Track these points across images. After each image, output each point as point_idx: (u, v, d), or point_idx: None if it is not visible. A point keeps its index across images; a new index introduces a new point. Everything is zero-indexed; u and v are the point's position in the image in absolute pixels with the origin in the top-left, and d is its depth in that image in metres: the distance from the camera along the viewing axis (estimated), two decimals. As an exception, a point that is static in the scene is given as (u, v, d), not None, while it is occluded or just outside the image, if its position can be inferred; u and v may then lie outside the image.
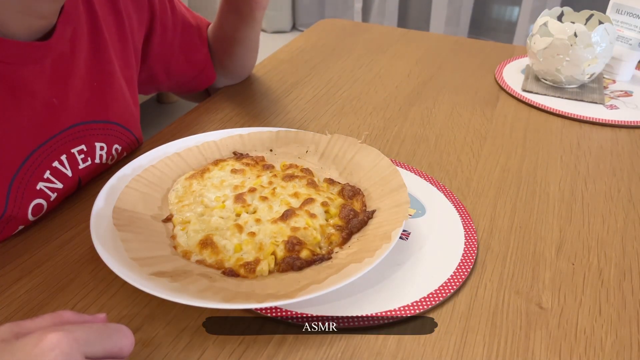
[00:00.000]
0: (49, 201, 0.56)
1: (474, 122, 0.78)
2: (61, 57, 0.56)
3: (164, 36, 0.74)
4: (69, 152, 0.58)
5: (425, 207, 0.58)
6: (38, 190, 0.55)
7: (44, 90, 0.55)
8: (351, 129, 0.75)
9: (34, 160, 0.54)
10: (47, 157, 0.56)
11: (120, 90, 0.66)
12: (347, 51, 1.02)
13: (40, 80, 0.54)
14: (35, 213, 0.55)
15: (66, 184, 0.58)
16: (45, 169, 0.56)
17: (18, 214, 0.53)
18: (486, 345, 0.44)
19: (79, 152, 0.60)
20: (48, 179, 0.56)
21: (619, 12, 0.90)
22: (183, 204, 0.55)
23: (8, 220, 0.53)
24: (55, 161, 0.57)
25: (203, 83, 0.84)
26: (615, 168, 0.68)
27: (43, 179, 0.55)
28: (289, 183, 0.57)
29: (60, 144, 0.57)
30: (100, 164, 0.63)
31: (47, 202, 0.56)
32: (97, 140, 0.62)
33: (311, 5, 3.16)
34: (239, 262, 0.48)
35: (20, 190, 0.53)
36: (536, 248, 0.54)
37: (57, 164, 0.57)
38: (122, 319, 0.45)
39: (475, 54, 1.02)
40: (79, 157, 0.60)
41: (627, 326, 0.46)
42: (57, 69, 0.55)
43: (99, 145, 0.62)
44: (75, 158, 0.59)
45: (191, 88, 0.85)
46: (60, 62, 0.56)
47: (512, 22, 2.81)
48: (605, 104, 0.84)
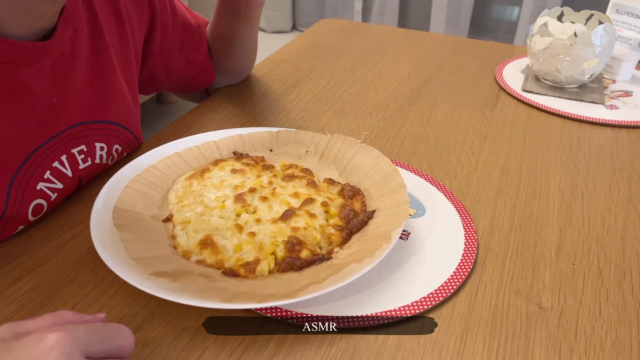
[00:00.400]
0: (49, 201, 0.56)
1: (474, 122, 0.78)
2: (61, 58, 0.56)
3: (165, 36, 0.74)
4: (69, 153, 0.58)
5: (425, 207, 0.58)
6: (38, 191, 0.55)
7: (44, 90, 0.55)
8: (351, 129, 0.75)
9: (34, 161, 0.54)
10: (47, 157, 0.56)
11: (121, 90, 0.66)
12: (347, 51, 1.02)
13: (41, 80, 0.54)
14: (36, 213, 0.55)
15: (66, 184, 0.58)
16: (45, 169, 0.56)
17: (18, 214, 0.53)
18: (486, 345, 0.44)
19: (79, 152, 0.60)
20: (48, 179, 0.56)
21: (619, 12, 0.90)
22: (183, 204, 0.55)
23: (8, 221, 0.52)
24: (56, 161, 0.57)
25: (203, 83, 0.84)
26: (615, 168, 0.68)
27: (43, 179, 0.55)
28: (289, 183, 0.57)
29: (60, 144, 0.57)
30: (100, 164, 0.63)
31: (47, 202, 0.56)
32: (97, 140, 0.62)
33: (311, 5, 3.16)
34: (239, 262, 0.48)
35: (20, 190, 0.53)
36: (536, 248, 0.54)
37: (58, 164, 0.57)
38: (122, 319, 0.45)
39: (475, 54, 1.02)
40: (79, 157, 0.60)
41: (627, 326, 0.46)
42: (57, 69, 0.55)
43: (99, 146, 0.62)
44: (76, 158, 0.59)
45: (191, 88, 0.85)
46: (60, 62, 0.56)
47: (512, 22, 2.81)
48: (605, 104, 0.84)
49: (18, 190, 0.53)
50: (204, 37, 0.81)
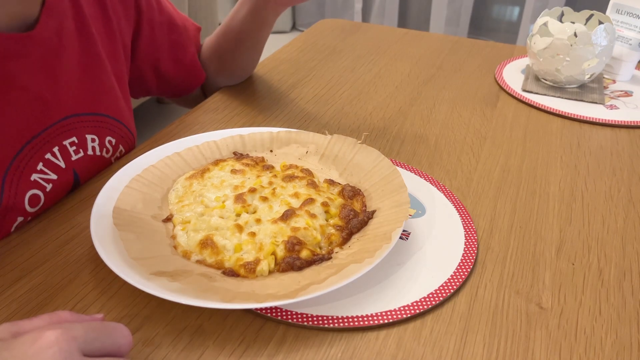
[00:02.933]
0: (45, 192, 0.57)
1: (474, 122, 0.78)
2: (49, 51, 0.57)
3: (152, 34, 0.75)
4: (61, 145, 0.59)
5: (425, 207, 0.58)
6: (32, 182, 0.56)
7: (34, 83, 0.56)
8: (351, 129, 0.75)
9: (27, 153, 0.56)
10: (39, 149, 0.57)
11: (110, 84, 0.67)
12: (347, 51, 1.02)
13: (29, 73, 0.55)
14: (33, 204, 0.56)
15: (60, 176, 0.59)
16: (38, 160, 0.57)
17: (15, 205, 0.54)
18: (486, 345, 0.44)
19: (70, 144, 0.61)
20: (41, 171, 0.57)
21: (619, 12, 0.90)
22: (183, 204, 0.55)
23: (6, 211, 0.53)
24: (48, 153, 0.58)
25: (192, 84, 0.84)
26: (615, 168, 0.68)
27: (36, 171, 0.56)
28: (289, 183, 0.57)
29: (51, 137, 0.58)
30: (94, 156, 0.64)
31: (43, 193, 0.57)
32: (87, 132, 0.63)
33: (311, 5, 3.16)
34: (239, 262, 0.48)
35: (14, 181, 0.54)
36: (536, 248, 0.54)
37: (50, 155, 0.58)
38: (122, 319, 0.45)
39: (475, 54, 1.02)
40: (70, 149, 0.61)
41: (627, 326, 0.46)
42: (45, 63, 0.56)
43: (90, 137, 0.63)
44: (68, 150, 0.60)
45: (181, 89, 0.85)
46: (48, 56, 0.57)
47: (512, 22, 2.81)
48: (605, 104, 0.84)
49: (12, 181, 0.54)
50: (191, 37, 0.81)
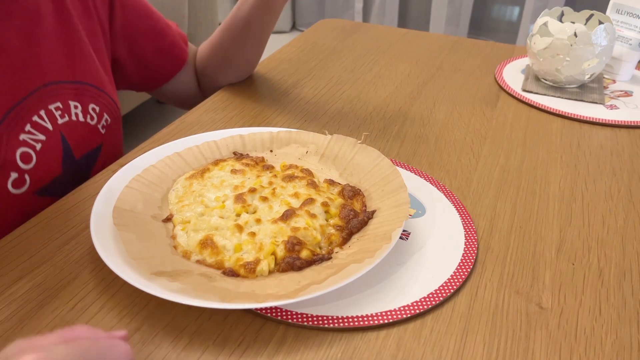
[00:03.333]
0: (36, 150, 0.60)
1: (474, 122, 0.78)
2: (30, 16, 0.61)
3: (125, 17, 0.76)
4: (47, 109, 0.63)
5: (425, 207, 0.58)
6: (21, 141, 0.60)
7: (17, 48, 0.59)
8: (351, 129, 0.75)
9: (15, 116, 0.59)
10: (27, 112, 0.60)
11: (90, 55, 0.70)
12: (347, 51, 1.02)
13: (11, 37, 0.59)
14: (25, 161, 0.59)
15: (49, 137, 0.63)
16: (25, 122, 0.60)
17: (5, 160, 0.57)
18: (486, 345, 0.44)
19: (55, 108, 0.64)
20: (29, 132, 0.61)
21: (619, 12, 0.90)
22: (183, 204, 0.55)
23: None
24: (35, 115, 0.62)
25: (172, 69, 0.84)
26: (615, 168, 0.68)
27: (24, 131, 0.60)
28: (289, 183, 0.57)
29: (37, 101, 0.62)
30: (79, 122, 0.67)
31: (34, 151, 0.60)
32: (70, 99, 0.66)
33: (311, 5, 3.16)
34: (239, 262, 0.48)
35: (3, 139, 0.58)
36: (536, 248, 0.54)
37: (37, 117, 0.62)
38: (122, 319, 0.45)
39: (475, 54, 1.02)
40: (56, 113, 0.64)
41: (627, 326, 0.46)
42: (25, 28, 0.60)
43: (73, 104, 0.66)
44: (53, 114, 0.64)
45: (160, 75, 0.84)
46: (29, 21, 0.61)
47: (512, 22, 2.81)
48: (605, 104, 0.84)
49: (2, 140, 0.57)
50: (174, 33, 0.83)
